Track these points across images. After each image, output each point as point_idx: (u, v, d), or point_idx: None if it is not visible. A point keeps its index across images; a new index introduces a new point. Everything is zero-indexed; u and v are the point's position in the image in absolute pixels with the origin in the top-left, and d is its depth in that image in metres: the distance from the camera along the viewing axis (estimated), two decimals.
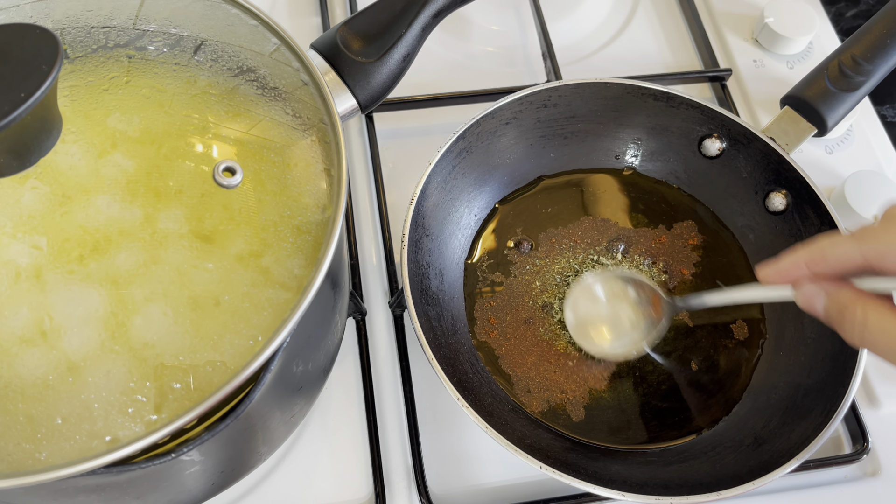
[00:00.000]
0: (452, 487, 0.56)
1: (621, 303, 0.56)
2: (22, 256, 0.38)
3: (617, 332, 0.55)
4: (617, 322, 0.56)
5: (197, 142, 0.43)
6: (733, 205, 0.63)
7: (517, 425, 0.54)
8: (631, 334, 0.55)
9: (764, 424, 0.54)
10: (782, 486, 0.57)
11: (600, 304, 0.56)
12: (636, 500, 0.47)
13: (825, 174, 0.71)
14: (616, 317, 0.56)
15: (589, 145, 0.65)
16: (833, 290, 0.40)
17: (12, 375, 0.36)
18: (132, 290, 0.38)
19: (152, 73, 0.45)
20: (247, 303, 0.39)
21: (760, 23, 0.77)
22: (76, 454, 0.35)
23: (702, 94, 0.76)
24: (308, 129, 0.44)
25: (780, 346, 0.58)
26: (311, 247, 0.40)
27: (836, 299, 0.39)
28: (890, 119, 0.78)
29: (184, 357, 0.37)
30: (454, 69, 0.76)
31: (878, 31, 0.58)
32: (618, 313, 0.56)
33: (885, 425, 0.60)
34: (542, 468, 0.47)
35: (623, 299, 0.56)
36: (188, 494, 0.46)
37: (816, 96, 0.58)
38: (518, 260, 0.62)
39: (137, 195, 0.41)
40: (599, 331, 0.56)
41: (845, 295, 0.39)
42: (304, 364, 0.46)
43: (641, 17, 0.81)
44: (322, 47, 0.48)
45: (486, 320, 0.59)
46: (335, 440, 0.57)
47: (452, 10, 0.51)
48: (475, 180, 0.62)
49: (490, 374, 0.57)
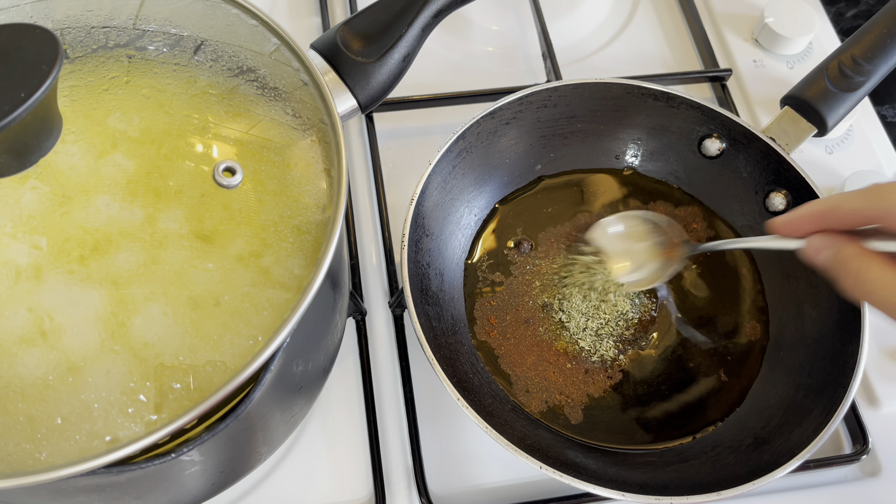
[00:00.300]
0: (452, 487, 0.56)
1: (642, 241, 0.58)
2: (22, 256, 0.38)
3: (636, 263, 0.58)
4: (636, 255, 0.58)
5: (197, 142, 0.43)
6: (733, 205, 0.63)
7: (517, 425, 0.54)
8: (648, 267, 0.57)
9: (764, 424, 0.54)
10: (782, 486, 0.57)
11: (623, 239, 0.59)
12: (636, 500, 0.47)
13: (825, 174, 0.71)
14: (635, 251, 0.58)
15: (589, 145, 0.65)
16: (841, 243, 0.40)
17: (12, 375, 0.36)
18: (132, 290, 0.38)
19: (152, 73, 0.45)
20: (247, 303, 0.39)
21: (760, 23, 0.77)
22: (76, 454, 0.35)
23: (702, 94, 0.76)
24: (308, 129, 0.44)
25: (780, 346, 0.58)
26: (311, 247, 0.40)
27: (841, 251, 0.40)
28: (890, 119, 0.78)
29: (184, 357, 0.37)
30: (454, 69, 0.76)
31: (878, 31, 0.58)
32: (638, 249, 0.58)
33: (885, 425, 0.60)
34: (542, 468, 0.47)
35: (644, 237, 0.59)
36: (188, 494, 0.46)
37: (816, 96, 0.58)
38: (518, 260, 0.62)
39: (137, 195, 0.41)
40: (620, 260, 0.58)
41: (850, 249, 0.40)
42: (304, 364, 0.46)
43: (641, 17, 0.81)
44: (322, 47, 0.48)
45: (486, 320, 0.59)
46: (335, 440, 0.57)
47: (452, 10, 0.51)
48: (475, 180, 0.62)
49: (490, 374, 0.57)
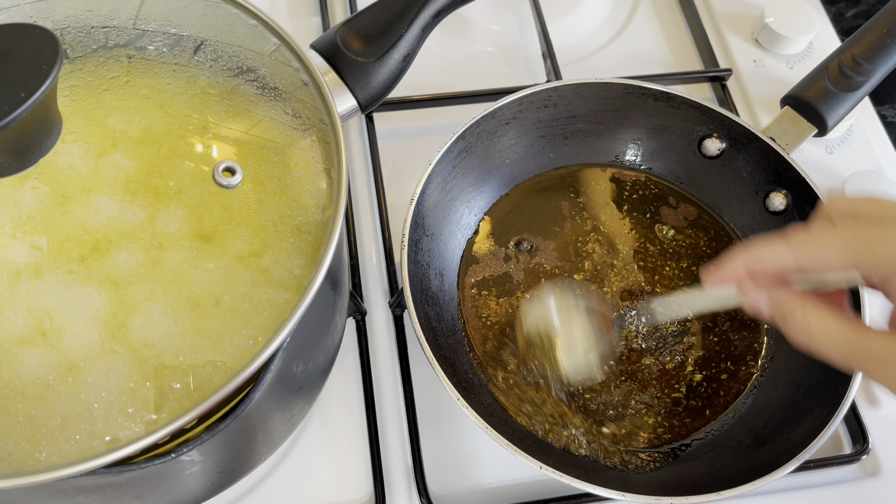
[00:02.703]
0: (452, 487, 0.56)
1: (572, 321, 0.53)
2: (22, 256, 0.38)
3: (570, 349, 0.52)
4: (570, 340, 0.53)
5: (197, 142, 0.43)
6: (733, 205, 0.63)
7: (517, 425, 0.54)
8: (584, 350, 0.52)
9: (764, 424, 0.54)
10: (782, 486, 0.57)
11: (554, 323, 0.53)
12: (636, 500, 0.47)
13: (825, 174, 0.71)
14: (569, 335, 0.53)
15: (589, 145, 0.65)
16: (773, 292, 0.40)
17: (12, 375, 0.36)
18: (132, 290, 0.38)
19: (152, 73, 0.45)
20: (247, 303, 0.39)
21: (760, 23, 0.77)
22: (76, 454, 0.35)
23: (702, 94, 0.76)
24: (308, 129, 0.44)
25: (780, 345, 0.58)
26: (311, 247, 0.40)
27: (776, 302, 0.39)
28: (890, 119, 0.78)
29: (184, 357, 0.37)
30: (454, 69, 0.76)
31: (878, 31, 0.58)
32: (570, 331, 0.53)
33: (885, 425, 0.60)
34: (542, 468, 0.47)
35: (573, 318, 0.53)
36: (188, 494, 0.46)
37: (816, 96, 0.58)
38: (519, 260, 0.62)
39: (137, 195, 0.41)
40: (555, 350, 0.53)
41: (784, 297, 0.39)
42: (304, 364, 0.46)
43: (641, 17, 0.81)
44: (322, 47, 0.48)
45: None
46: (335, 440, 0.57)
47: (452, 10, 0.51)
48: (475, 180, 0.62)
49: (490, 374, 0.57)
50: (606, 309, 0.53)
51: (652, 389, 0.57)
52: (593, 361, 0.52)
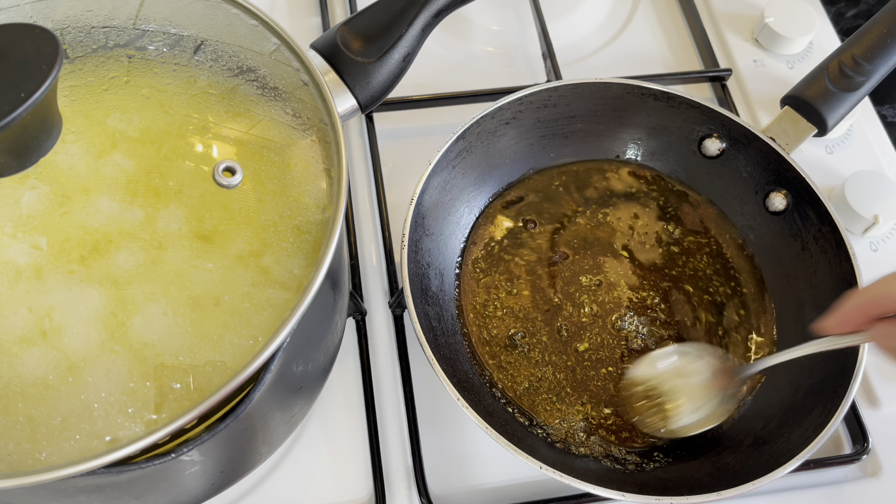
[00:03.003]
0: (452, 487, 0.56)
1: (691, 376, 0.53)
2: (22, 256, 0.38)
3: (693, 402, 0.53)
4: (691, 393, 0.53)
5: (197, 142, 0.43)
6: (733, 205, 0.63)
7: (517, 426, 0.54)
8: (706, 404, 0.53)
9: (764, 424, 0.54)
10: (782, 486, 0.57)
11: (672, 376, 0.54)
12: (636, 500, 0.47)
13: (825, 174, 0.71)
14: (689, 388, 0.53)
15: (589, 145, 0.65)
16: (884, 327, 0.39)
17: (12, 375, 0.36)
18: (132, 290, 0.38)
19: (152, 73, 0.45)
20: (247, 303, 0.39)
21: (760, 23, 0.77)
22: (76, 454, 0.35)
23: (702, 94, 0.76)
24: (308, 129, 0.44)
25: (780, 345, 0.58)
26: (311, 247, 0.40)
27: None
28: (890, 119, 0.78)
29: (184, 357, 0.37)
30: (454, 69, 0.76)
31: (878, 31, 0.58)
32: (691, 385, 0.53)
33: (885, 425, 0.60)
34: (542, 468, 0.47)
35: (691, 372, 0.53)
36: (188, 494, 0.46)
37: (816, 96, 0.58)
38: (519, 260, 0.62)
39: (137, 195, 0.41)
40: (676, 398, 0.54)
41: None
42: (304, 364, 0.46)
43: (641, 17, 0.81)
44: (322, 47, 0.48)
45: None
46: (335, 440, 0.57)
47: (452, 10, 0.51)
48: (475, 180, 0.62)
49: (490, 374, 0.57)
50: (730, 365, 0.54)
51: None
52: (704, 414, 0.53)
